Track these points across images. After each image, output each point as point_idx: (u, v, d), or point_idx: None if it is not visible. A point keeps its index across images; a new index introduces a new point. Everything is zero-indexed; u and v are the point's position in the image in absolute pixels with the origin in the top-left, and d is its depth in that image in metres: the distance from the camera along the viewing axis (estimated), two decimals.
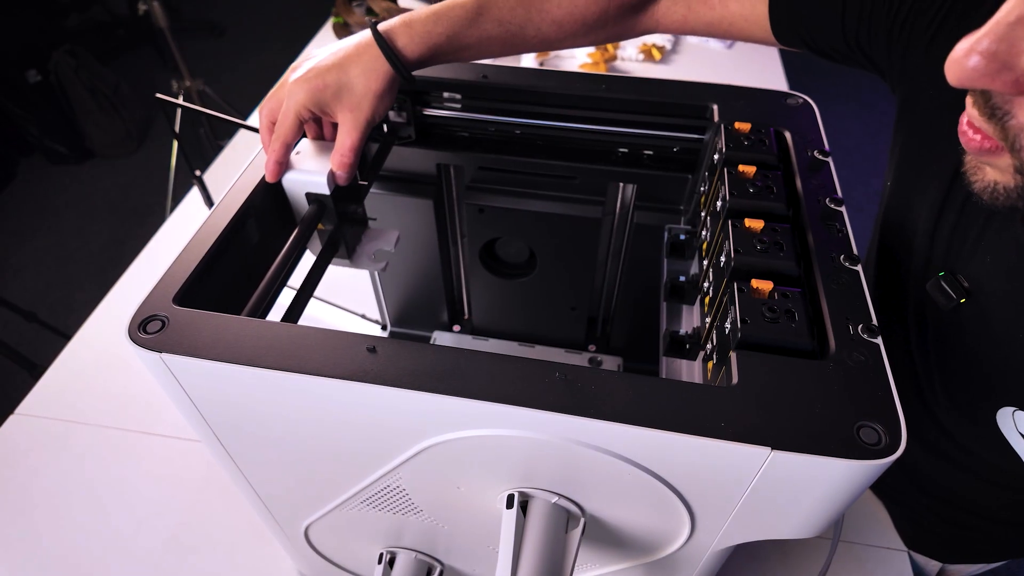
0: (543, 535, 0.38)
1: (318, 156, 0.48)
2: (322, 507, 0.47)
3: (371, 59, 0.45)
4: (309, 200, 0.48)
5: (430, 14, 0.47)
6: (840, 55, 0.49)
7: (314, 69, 0.45)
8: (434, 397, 0.33)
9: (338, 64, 0.45)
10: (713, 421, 0.31)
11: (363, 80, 0.45)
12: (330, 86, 0.44)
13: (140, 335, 0.36)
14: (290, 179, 0.47)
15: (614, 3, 0.51)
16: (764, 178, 0.45)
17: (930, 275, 0.46)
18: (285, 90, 0.45)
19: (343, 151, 0.46)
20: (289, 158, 0.47)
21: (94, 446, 0.73)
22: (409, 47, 0.47)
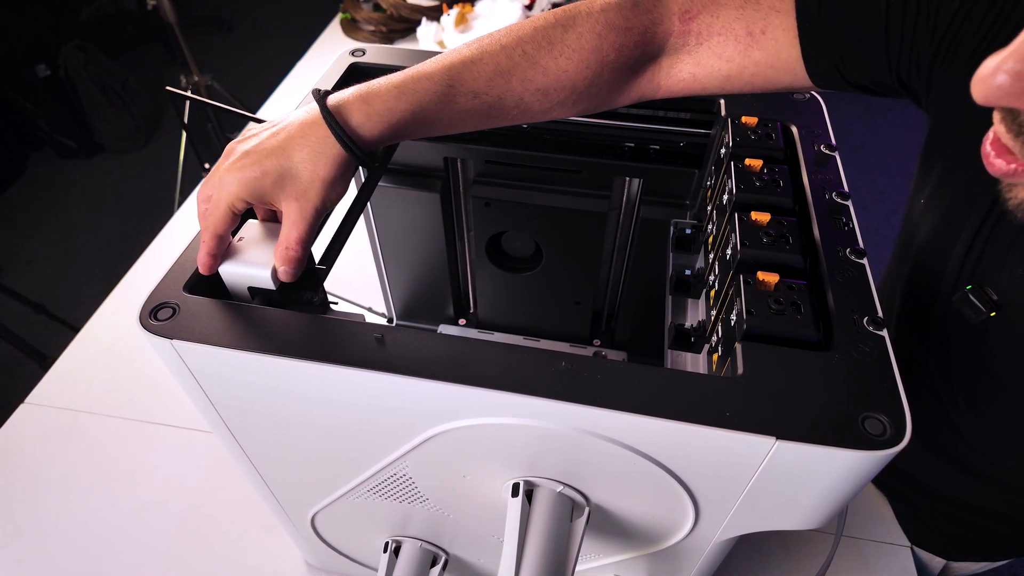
0: (548, 524, 0.38)
1: (262, 242, 0.41)
2: (329, 495, 0.48)
3: (319, 141, 0.38)
4: (252, 294, 0.41)
5: (391, 87, 0.40)
6: (881, 87, 0.45)
7: (251, 154, 0.38)
8: (441, 385, 0.34)
9: (279, 147, 0.38)
10: (718, 411, 0.32)
11: (309, 166, 0.38)
12: (269, 174, 0.38)
13: (151, 322, 0.36)
14: (228, 271, 0.40)
15: (607, 67, 0.43)
16: (771, 172, 0.45)
17: (958, 288, 0.44)
18: (216, 177, 0.39)
19: (288, 244, 0.39)
20: (225, 248, 0.40)
21: (102, 436, 0.74)
22: (366, 125, 0.40)
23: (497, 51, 0.42)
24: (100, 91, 2.16)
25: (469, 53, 0.42)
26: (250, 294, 0.41)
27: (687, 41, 0.45)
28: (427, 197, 0.64)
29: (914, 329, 0.52)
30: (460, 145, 0.61)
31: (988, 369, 0.46)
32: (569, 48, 0.43)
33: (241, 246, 0.41)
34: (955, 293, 0.45)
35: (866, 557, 0.64)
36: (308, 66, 1.34)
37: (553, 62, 0.43)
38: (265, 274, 0.39)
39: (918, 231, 0.50)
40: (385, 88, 0.40)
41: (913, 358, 0.53)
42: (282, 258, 0.39)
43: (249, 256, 0.40)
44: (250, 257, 0.40)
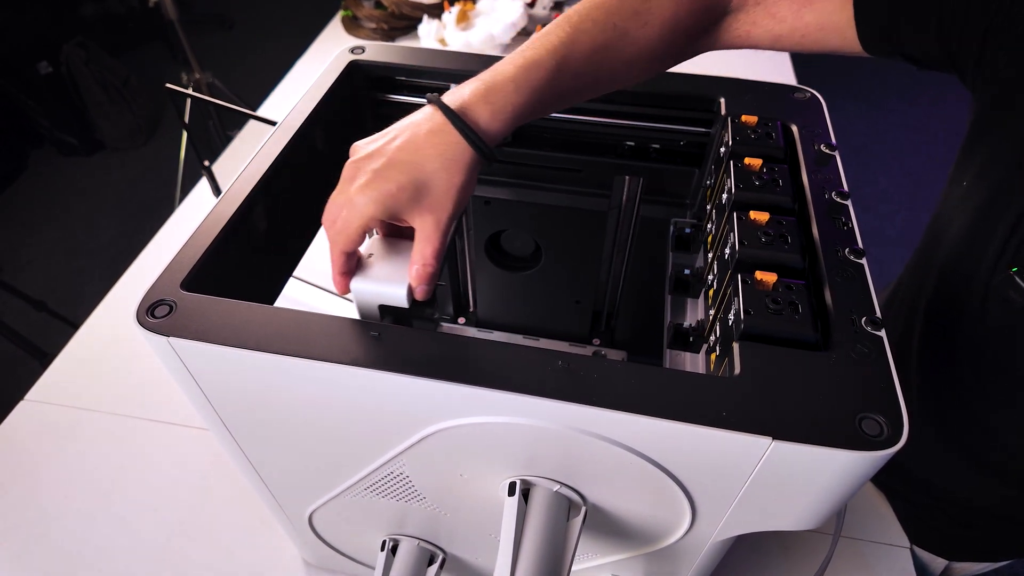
0: (544, 523, 0.38)
1: (393, 258, 0.40)
2: (326, 493, 0.47)
3: (449, 147, 0.37)
4: (382, 312, 0.40)
5: (507, 81, 0.39)
6: (929, 59, 0.46)
7: (383, 170, 0.36)
8: (437, 384, 0.33)
9: (412, 160, 0.37)
10: (714, 410, 0.31)
11: (444, 175, 0.37)
12: (405, 188, 0.36)
13: (148, 319, 0.36)
14: (361, 289, 0.39)
15: (681, 32, 0.46)
16: (770, 171, 0.45)
17: (999, 271, 0.44)
18: (345, 198, 0.37)
19: (425, 260, 0.37)
20: (355, 265, 0.39)
21: (101, 434, 0.74)
22: (492, 124, 0.38)
23: (591, 27, 0.42)
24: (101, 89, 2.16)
25: (567, 33, 0.41)
26: (380, 312, 0.40)
27: (746, 1, 0.47)
28: None
29: (946, 319, 0.51)
30: None
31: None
32: (653, 17, 0.44)
33: (370, 263, 0.40)
34: (996, 276, 0.44)
35: (865, 558, 0.64)
36: (309, 64, 1.34)
37: (640, 32, 0.43)
38: (401, 292, 0.38)
39: (957, 215, 0.50)
40: (502, 83, 0.39)
41: (939, 355, 0.53)
42: (419, 276, 0.38)
43: (381, 273, 0.39)
44: (382, 274, 0.39)
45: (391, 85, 0.59)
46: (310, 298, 0.86)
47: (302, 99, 0.52)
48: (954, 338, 0.51)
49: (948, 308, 0.52)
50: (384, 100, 0.60)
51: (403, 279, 0.38)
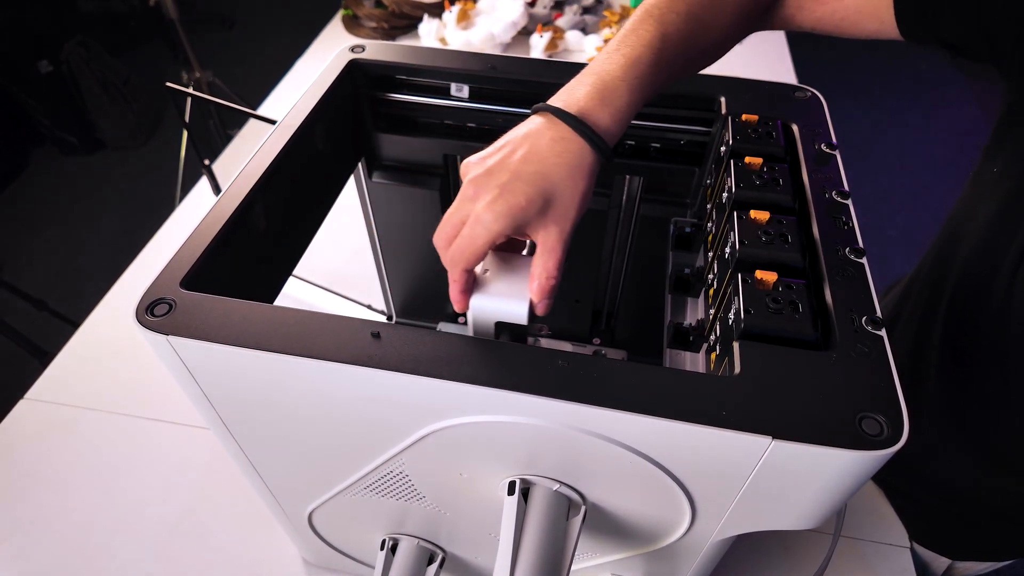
0: (544, 523, 0.38)
1: (509, 273, 0.39)
2: (326, 492, 0.47)
3: (574, 155, 0.36)
4: (498, 329, 0.39)
5: (619, 81, 0.38)
6: (966, 44, 0.46)
7: (510, 185, 0.35)
8: (437, 382, 0.33)
9: (539, 172, 0.35)
10: (714, 410, 0.31)
11: (569, 183, 0.36)
12: (534, 201, 0.35)
13: (147, 318, 0.36)
14: (481, 307, 0.38)
15: (743, 16, 0.47)
16: (771, 170, 0.45)
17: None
18: (470, 216, 0.35)
19: (549, 273, 0.36)
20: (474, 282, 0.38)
21: (101, 432, 0.74)
22: (612, 128, 0.38)
23: (676, 19, 0.43)
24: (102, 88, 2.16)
25: (657, 28, 0.42)
26: (496, 329, 0.39)
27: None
28: (426, 195, 0.64)
29: (970, 312, 0.51)
30: (460, 143, 0.61)
31: None
32: (726, 5, 0.45)
33: (487, 279, 0.38)
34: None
35: (865, 557, 0.64)
36: (309, 63, 1.34)
37: (717, 20, 0.45)
38: (523, 309, 0.37)
39: (982, 205, 0.50)
40: (612, 83, 0.39)
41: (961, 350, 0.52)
42: (543, 290, 0.36)
43: (500, 289, 0.38)
44: (502, 290, 0.38)
45: (391, 84, 0.59)
46: (311, 297, 0.86)
47: (302, 98, 0.52)
48: (977, 332, 0.51)
49: (972, 300, 0.51)
50: (384, 99, 0.60)
51: (523, 294, 0.37)
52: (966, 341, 0.53)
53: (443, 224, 0.37)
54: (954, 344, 0.54)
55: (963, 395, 0.54)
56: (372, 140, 0.62)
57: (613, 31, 1.34)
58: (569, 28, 1.33)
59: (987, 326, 0.50)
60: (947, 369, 0.55)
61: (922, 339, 0.58)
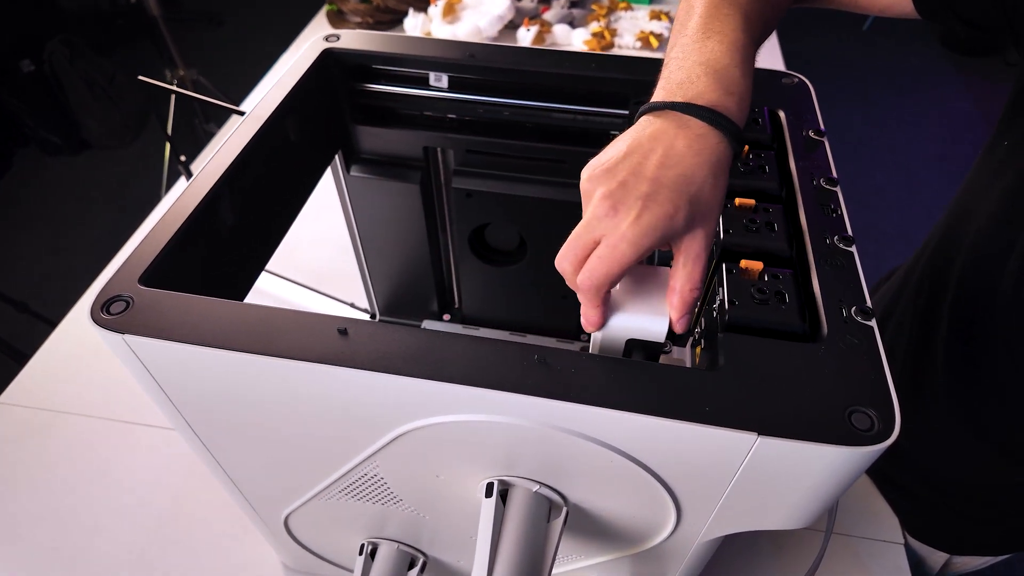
0: (523, 525, 0.37)
1: (639, 287, 0.36)
2: (300, 496, 0.46)
3: (713, 150, 0.33)
4: (628, 348, 0.37)
5: (733, 68, 0.36)
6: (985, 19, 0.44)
7: (652, 196, 0.32)
8: (408, 381, 0.32)
9: (679, 175, 0.32)
10: (697, 405, 0.30)
11: (713, 183, 0.33)
12: (681, 209, 0.32)
13: (102, 316, 0.34)
14: (619, 326, 0.35)
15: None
16: (757, 157, 0.43)
17: None
18: (618, 235, 0.32)
19: (694, 284, 0.33)
20: None
21: (78, 436, 0.72)
22: (740, 116, 0.35)
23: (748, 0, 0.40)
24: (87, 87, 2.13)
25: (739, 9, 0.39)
26: (626, 348, 0.36)
27: None
28: (407, 188, 0.62)
29: (979, 296, 0.50)
30: (440, 134, 0.60)
31: None
32: None
33: (616, 293, 0.36)
34: None
35: (858, 555, 0.62)
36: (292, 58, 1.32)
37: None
38: (662, 326, 0.34)
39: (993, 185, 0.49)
40: (728, 72, 0.35)
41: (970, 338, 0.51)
42: (686, 304, 0.33)
43: (635, 306, 0.35)
44: (637, 307, 0.35)
45: (368, 74, 0.57)
46: (293, 295, 0.84)
47: (273, 88, 0.50)
48: (989, 317, 0.49)
49: (983, 282, 0.50)
50: (361, 90, 0.58)
51: (661, 310, 0.35)
52: (977, 329, 0.51)
53: (571, 245, 0.34)
54: (963, 333, 0.53)
55: (974, 386, 0.53)
56: (349, 132, 0.60)
57: (601, 24, 1.32)
58: (556, 22, 1.31)
59: (1000, 310, 0.48)
60: (956, 360, 0.54)
61: (928, 330, 0.56)
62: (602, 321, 0.35)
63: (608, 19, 1.36)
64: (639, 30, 1.35)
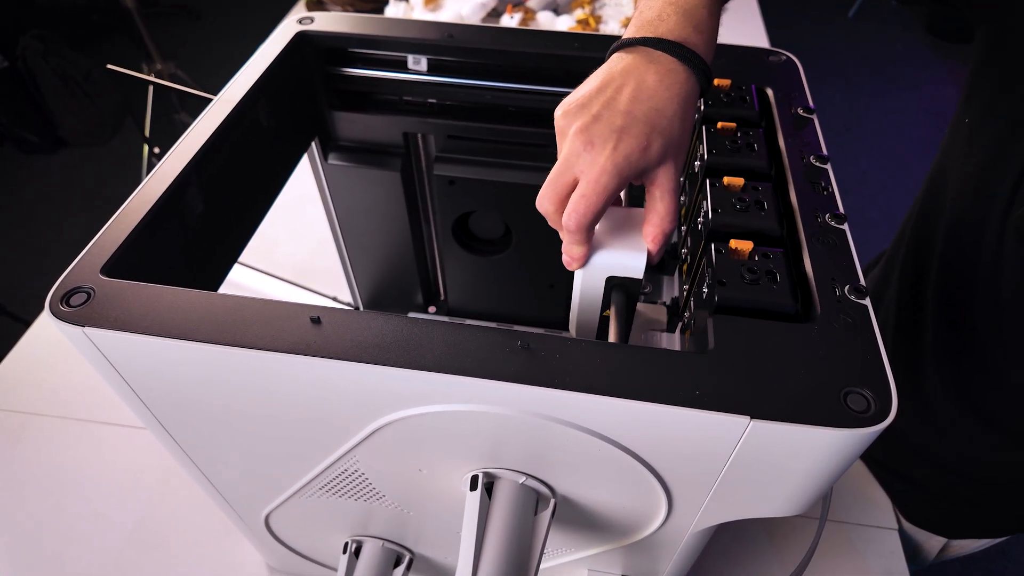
0: (509, 518, 0.35)
1: (614, 225, 0.37)
2: (280, 495, 0.44)
3: (683, 85, 0.34)
4: (608, 287, 0.37)
5: (702, 8, 0.36)
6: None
7: (626, 129, 0.32)
8: (385, 370, 0.30)
9: (652, 108, 0.33)
10: (687, 389, 0.29)
11: (680, 117, 0.34)
12: (654, 142, 0.33)
13: (61, 308, 0.33)
14: (597, 264, 0.36)
15: None
16: (745, 135, 0.42)
17: (1017, 207, 0.42)
18: (598, 168, 0.32)
19: (671, 216, 0.34)
20: None
21: (51, 438, 0.70)
22: (708, 54, 0.36)
23: None
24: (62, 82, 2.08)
25: None
26: (605, 287, 0.37)
27: None
28: (387, 176, 0.60)
29: (961, 268, 0.50)
30: (420, 119, 0.58)
31: None
32: None
33: (596, 235, 0.36)
34: (1015, 210, 0.43)
35: (853, 541, 0.62)
36: None
37: None
38: (640, 261, 0.35)
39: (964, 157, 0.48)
40: (696, 11, 0.36)
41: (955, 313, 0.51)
42: (663, 235, 0.35)
43: (613, 243, 0.36)
44: (616, 244, 0.36)
45: (344, 57, 0.55)
46: (273, 290, 0.82)
47: (243, 71, 0.48)
48: (970, 290, 0.49)
49: (963, 256, 0.50)
50: (337, 74, 0.56)
51: (639, 245, 0.36)
52: (961, 305, 0.51)
53: (551, 185, 0.34)
54: (948, 310, 0.52)
55: (963, 363, 0.52)
56: (326, 118, 0.58)
57: (586, 11, 1.30)
58: (540, 9, 1.29)
59: (981, 285, 0.48)
60: (944, 338, 0.53)
61: (915, 311, 0.56)
62: (587, 258, 0.36)
63: (593, 6, 1.34)
64: (624, 16, 1.34)
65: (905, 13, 2.94)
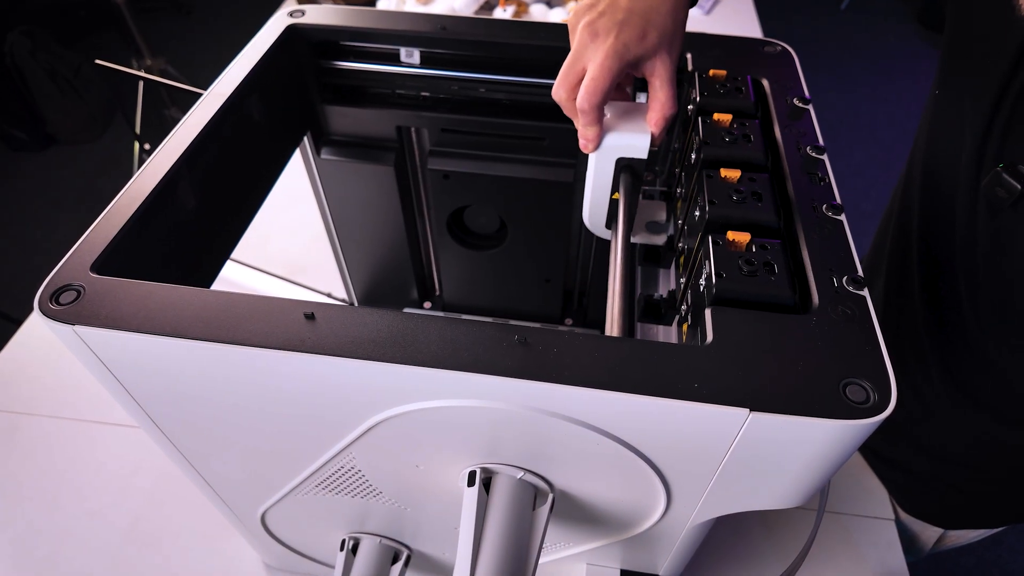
0: (508, 513, 0.35)
1: (623, 115, 0.42)
2: (276, 492, 0.44)
3: None
4: (617, 167, 0.43)
5: None
6: None
7: (625, 22, 0.38)
8: (380, 366, 0.30)
9: (649, 5, 0.39)
10: (685, 382, 0.28)
11: (673, 14, 0.39)
12: (648, 33, 0.39)
13: (51, 306, 0.32)
14: (609, 144, 0.41)
15: None
16: (741, 126, 0.42)
17: (984, 175, 0.44)
18: (603, 53, 0.38)
19: (671, 99, 0.40)
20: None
21: (44, 438, 0.69)
22: None
23: None
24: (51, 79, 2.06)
25: None
26: (615, 169, 0.43)
27: None
28: (381, 171, 0.60)
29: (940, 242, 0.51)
30: (414, 113, 0.57)
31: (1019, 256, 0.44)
32: None
33: (606, 123, 0.41)
34: (984, 176, 0.44)
35: (850, 532, 0.62)
36: None
37: None
38: (646, 141, 0.41)
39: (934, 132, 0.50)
40: None
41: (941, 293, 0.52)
42: (664, 118, 0.40)
43: (623, 127, 0.41)
44: (624, 127, 0.41)
45: (336, 51, 0.55)
46: (267, 286, 0.81)
47: (233, 66, 0.48)
48: (950, 265, 0.50)
49: (939, 230, 0.51)
50: (329, 68, 0.55)
51: (644, 129, 0.41)
52: (942, 281, 0.52)
53: (563, 75, 0.40)
54: (934, 295, 0.53)
55: (948, 342, 0.53)
56: (318, 112, 0.57)
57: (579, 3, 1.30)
58: (534, 1, 1.29)
59: (958, 257, 0.49)
60: (929, 318, 0.54)
61: (904, 297, 0.56)
62: (599, 139, 0.41)
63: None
64: None
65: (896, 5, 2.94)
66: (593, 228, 0.49)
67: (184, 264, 0.43)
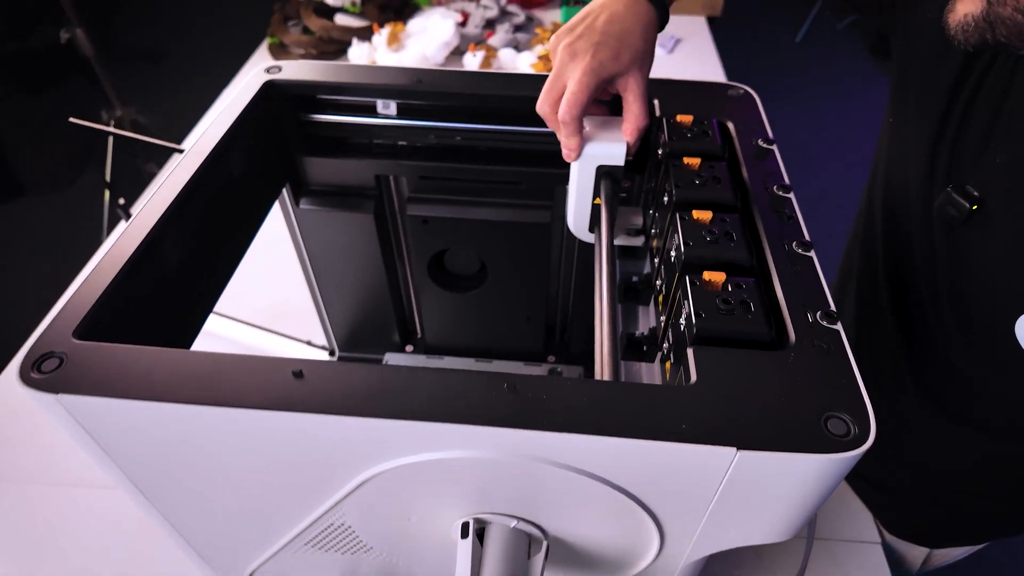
0: (503, 564, 0.35)
1: (601, 127, 0.46)
2: (263, 552, 0.43)
3: (644, 14, 0.44)
4: (598, 175, 0.47)
5: None
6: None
7: (600, 43, 0.42)
8: (370, 421, 0.30)
9: (620, 30, 0.43)
10: (673, 424, 0.29)
11: (645, 38, 0.44)
12: (621, 53, 0.42)
13: (33, 375, 0.32)
14: (589, 153, 0.45)
15: None
16: (710, 169, 0.43)
17: (936, 195, 0.48)
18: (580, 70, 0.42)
19: (642, 115, 0.44)
20: None
21: (16, 505, 0.66)
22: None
23: None
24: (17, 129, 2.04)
25: None
26: (596, 176, 0.47)
27: None
28: (360, 219, 0.60)
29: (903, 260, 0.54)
30: (392, 162, 0.58)
31: (976, 273, 0.47)
32: None
33: (586, 134, 0.45)
34: (936, 196, 0.48)
35: (837, 557, 0.62)
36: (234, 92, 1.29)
37: None
38: (622, 149, 0.45)
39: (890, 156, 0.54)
40: None
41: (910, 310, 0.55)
42: (638, 130, 0.44)
43: (601, 137, 0.45)
44: (603, 137, 0.45)
45: (313, 104, 0.56)
46: (246, 337, 0.80)
47: (213, 123, 0.48)
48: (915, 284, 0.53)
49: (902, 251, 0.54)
50: (307, 120, 0.56)
51: (620, 139, 0.45)
52: (910, 303, 0.55)
53: (546, 91, 0.44)
54: (901, 310, 0.55)
55: (920, 359, 0.55)
56: (296, 164, 0.58)
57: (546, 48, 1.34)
58: (502, 47, 1.32)
59: (921, 275, 0.52)
60: (901, 337, 0.56)
61: (874, 315, 0.59)
62: (580, 148, 0.45)
63: None
64: None
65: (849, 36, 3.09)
66: (577, 232, 0.52)
67: (167, 323, 0.42)
